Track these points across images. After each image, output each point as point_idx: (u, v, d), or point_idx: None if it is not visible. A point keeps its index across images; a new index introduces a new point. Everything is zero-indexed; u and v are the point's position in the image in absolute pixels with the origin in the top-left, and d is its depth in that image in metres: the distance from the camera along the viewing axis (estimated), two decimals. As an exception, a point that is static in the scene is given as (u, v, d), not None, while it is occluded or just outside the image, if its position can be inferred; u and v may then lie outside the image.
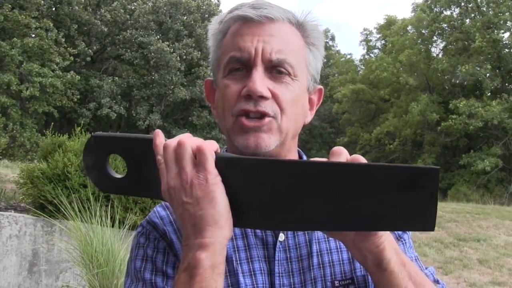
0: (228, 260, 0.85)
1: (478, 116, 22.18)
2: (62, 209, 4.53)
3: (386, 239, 0.72)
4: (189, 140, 0.71)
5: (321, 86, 0.96)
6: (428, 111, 25.21)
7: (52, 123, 10.49)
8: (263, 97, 0.81)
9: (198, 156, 0.70)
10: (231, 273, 0.85)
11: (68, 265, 5.03)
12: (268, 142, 0.82)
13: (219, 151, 0.72)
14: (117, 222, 4.53)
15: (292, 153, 0.91)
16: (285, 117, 0.84)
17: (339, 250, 0.90)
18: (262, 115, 0.82)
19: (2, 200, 6.16)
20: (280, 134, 0.84)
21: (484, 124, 22.33)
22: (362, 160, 0.69)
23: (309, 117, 0.93)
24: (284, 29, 0.85)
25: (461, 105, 22.89)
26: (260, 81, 0.81)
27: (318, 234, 0.90)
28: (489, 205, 14.17)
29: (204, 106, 24.00)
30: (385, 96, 31.09)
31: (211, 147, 0.71)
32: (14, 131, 18.05)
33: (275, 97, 0.82)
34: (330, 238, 0.90)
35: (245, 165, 0.71)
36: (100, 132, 0.78)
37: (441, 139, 25.89)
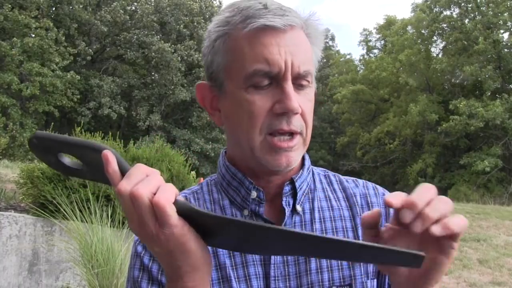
0: (221, 266, 0.85)
1: (479, 116, 22.20)
2: (62, 209, 4.54)
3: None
4: (144, 190, 0.61)
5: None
6: (428, 111, 25.23)
7: (52, 123, 10.50)
8: (295, 113, 0.79)
9: (157, 213, 0.61)
10: (224, 279, 0.84)
11: (68, 265, 5.03)
12: (296, 160, 0.83)
13: (178, 195, 0.64)
14: (117, 222, 4.53)
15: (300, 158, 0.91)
16: (308, 130, 0.84)
17: None
18: (292, 133, 0.81)
19: (2, 200, 6.16)
20: (304, 148, 0.85)
21: (484, 124, 22.35)
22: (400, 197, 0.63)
23: None
24: (300, 36, 0.82)
25: (461, 105, 22.91)
26: (295, 98, 0.78)
27: None
28: (489, 205, 14.18)
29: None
30: (385, 96, 31.12)
31: (169, 198, 0.62)
32: (14, 131, 18.06)
33: (302, 111, 0.81)
34: None
35: (210, 221, 0.65)
36: (41, 131, 0.69)
37: (441, 139, 25.91)
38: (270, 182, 0.87)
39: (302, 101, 0.81)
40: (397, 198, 0.62)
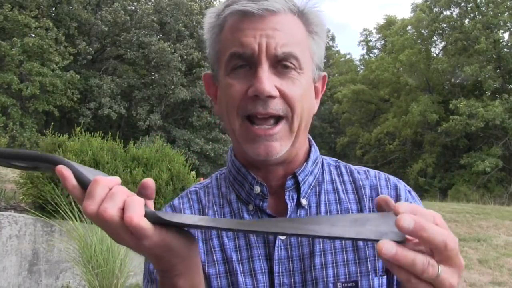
0: (228, 260, 0.85)
1: (479, 116, 22.19)
2: (61, 210, 4.53)
3: None
4: (112, 211, 0.58)
5: (325, 73, 0.92)
6: (428, 111, 25.23)
7: (52, 123, 10.49)
8: (271, 96, 0.78)
9: (132, 231, 0.59)
10: (231, 273, 0.84)
11: (68, 265, 5.03)
12: (279, 149, 0.80)
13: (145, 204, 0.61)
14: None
15: (302, 148, 0.89)
16: (296, 116, 0.81)
17: (344, 249, 0.85)
18: (274, 118, 0.79)
19: (2, 200, 6.15)
20: (291, 135, 0.82)
21: (484, 124, 22.35)
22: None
23: (316, 106, 0.91)
24: (286, 21, 0.81)
25: (461, 105, 22.91)
26: (267, 80, 0.77)
27: None
28: (489, 205, 14.18)
29: (204, 106, 23.99)
30: (385, 96, 31.11)
31: (140, 213, 0.59)
32: (14, 131, 18.05)
33: (283, 95, 0.79)
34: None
35: (177, 226, 0.64)
36: None
37: (441, 139, 25.91)
38: (270, 173, 0.87)
39: (284, 85, 0.79)
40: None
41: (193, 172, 6.95)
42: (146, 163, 6.25)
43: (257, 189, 0.87)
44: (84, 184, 0.61)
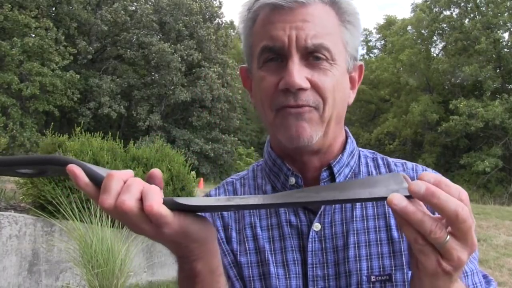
0: (261, 250, 0.86)
1: (479, 116, 22.18)
2: (62, 209, 4.54)
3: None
4: (130, 202, 0.58)
5: (361, 63, 0.91)
6: (428, 111, 25.24)
7: (52, 123, 10.49)
8: (302, 89, 0.78)
9: (152, 219, 0.59)
10: (263, 262, 0.85)
11: (68, 265, 5.03)
12: (310, 133, 0.79)
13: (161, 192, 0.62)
14: (117, 222, 4.52)
15: (338, 139, 0.89)
16: (327, 106, 0.80)
17: (379, 242, 0.84)
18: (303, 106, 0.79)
19: (2, 200, 6.15)
20: (322, 124, 0.81)
21: (484, 124, 22.34)
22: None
23: (351, 96, 0.90)
24: (317, 12, 0.80)
25: (461, 105, 22.91)
26: (297, 73, 0.77)
27: (357, 224, 0.86)
28: (489, 205, 14.19)
29: (204, 106, 23.98)
30: (385, 96, 31.12)
31: (159, 200, 0.59)
32: (14, 131, 18.04)
33: (315, 86, 0.79)
34: (370, 229, 0.85)
35: (195, 210, 0.64)
36: None
37: (441, 139, 25.91)
38: (305, 164, 0.86)
39: (316, 76, 0.79)
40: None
41: (193, 172, 6.95)
42: (146, 163, 6.25)
43: (292, 180, 0.87)
44: (96, 180, 0.61)
